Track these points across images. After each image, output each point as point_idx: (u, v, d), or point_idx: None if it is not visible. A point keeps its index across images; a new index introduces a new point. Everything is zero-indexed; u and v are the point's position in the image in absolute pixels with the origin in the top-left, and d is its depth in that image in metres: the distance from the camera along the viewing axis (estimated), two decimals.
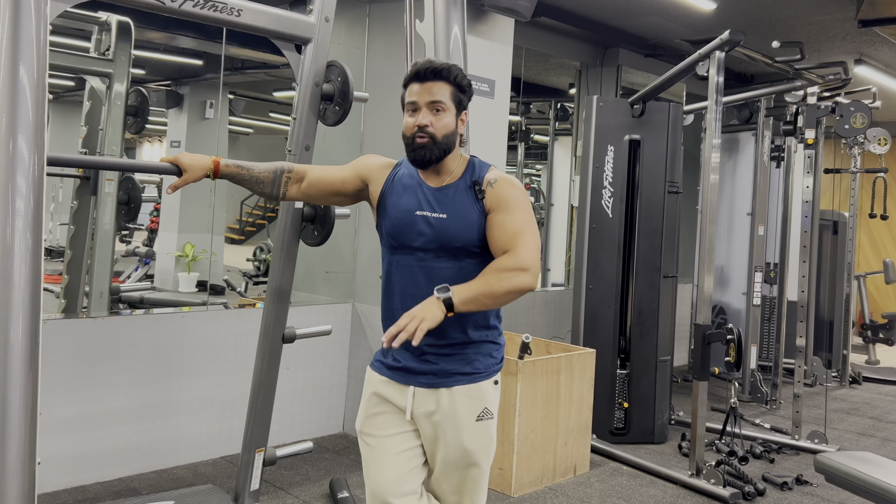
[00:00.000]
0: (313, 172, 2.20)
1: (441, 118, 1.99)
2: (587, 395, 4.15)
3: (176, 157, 2.14)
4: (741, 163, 6.10)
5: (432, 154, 1.99)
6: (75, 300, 4.61)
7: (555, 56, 6.10)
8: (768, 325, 6.38)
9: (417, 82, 2.00)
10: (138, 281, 7.47)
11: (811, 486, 4.10)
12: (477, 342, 2.04)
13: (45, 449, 3.46)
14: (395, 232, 2.04)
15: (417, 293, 1.99)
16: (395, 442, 2.04)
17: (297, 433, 4.33)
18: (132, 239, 8.34)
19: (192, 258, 7.26)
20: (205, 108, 8.32)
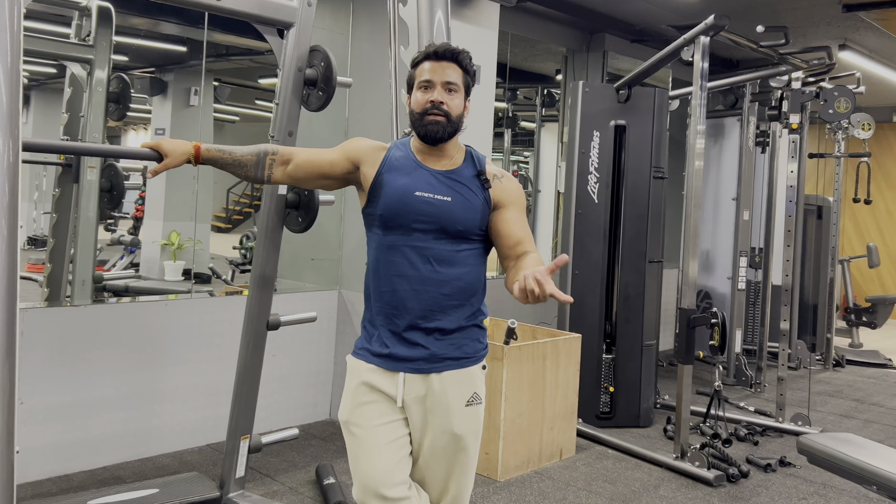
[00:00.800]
0: (300, 156, 2.17)
1: (454, 98, 2.01)
2: (573, 380, 4.17)
3: (157, 142, 2.13)
4: (727, 148, 6.12)
5: (445, 131, 2.00)
6: (58, 289, 4.57)
7: (541, 42, 6.08)
8: (753, 309, 6.41)
9: (434, 60, 2.01)
10: (124, 269, 7.43)
11: (794, 468, 4.15)
12: (466, 327, 2.05)
13: (29, 438, 3.44)
14: (391, 212, 2.01)
15: (413, 274, 1.99)
16: (386, 431, 2.01)
17: (283, 420, 4.33)
18: (117, 227, 8.29)
19: (177, 246, 7.22)
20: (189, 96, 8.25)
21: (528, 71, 7.36)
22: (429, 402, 2.01)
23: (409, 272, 1.99)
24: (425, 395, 2.01)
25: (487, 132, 4.44)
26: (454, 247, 2.01)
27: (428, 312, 1.99)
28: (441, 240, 2.00)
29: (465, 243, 2.02)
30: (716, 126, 6.15)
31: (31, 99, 8.51)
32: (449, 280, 2.00)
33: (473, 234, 2.02)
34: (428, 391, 2.01)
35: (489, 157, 4.66)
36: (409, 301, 1.99)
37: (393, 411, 2.02)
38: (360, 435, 2.03)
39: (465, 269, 2.02)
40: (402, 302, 2.00)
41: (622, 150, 4.69)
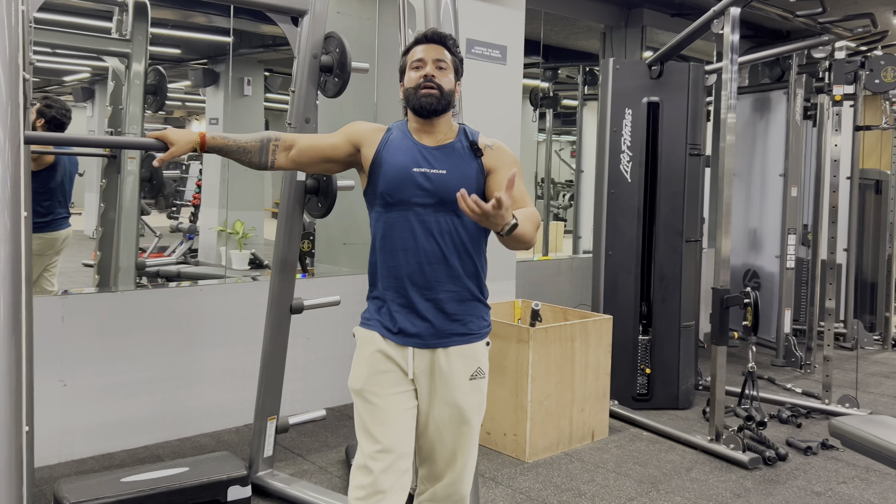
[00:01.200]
0: (303, 141, 2.24)
1: (445, 74, 2.10)
2: (604, 362, 4.13)
3: (163, 132, 2.19)
4: (773, 122, 5.93)
5: (439, 103, 2.07)
6: (108, 275, 4.76)
7: (580, 19, 5.98)
8: (804, 288, 6.23)
9: (424, 43, 2.12)
10: (182, 255, 7.69)
11: (836, 451, 4.03)
12: (472, 300, 2.11)
13: (73, 418, 3.61)
14: (391, 189, 2.07)
15: (415, 247, 2.06)
16: (401, 399, 2.08)
17: (319, 401, 4.42)
18: (179, 215, 8.56)
19: (242, 235, 7.40)
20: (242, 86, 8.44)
21: (569, 49, 7.26)
22: (435, 376, 2.08)
23: (412, 246, 2.06)
24: (431, 369, 2.08)
25: (515, 111, 4.41)
26: (454, 217, 2.06)
27: (434, 283, 2.05)
28: (441, 212, 2.05)
29: (466, 215, 2.03)
30: (762, 100, 5.97)
31: (96, 93, 8.84)
32: (452, 252, 2.06)
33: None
34: (434, 365, 2.08)
35: (518, 137, 4.63)
36: (415, 274, 2.06)
37: (405, 381, 2.09)
38: (377, 403, 2.06)
39: (466, 240, 2.08)
40: (408, 275, 2.06)
41: (656, 127, 4.60)
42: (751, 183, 6.17)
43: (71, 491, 2.88)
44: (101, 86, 8.75)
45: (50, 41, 4.43)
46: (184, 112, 12.61)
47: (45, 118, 3.91)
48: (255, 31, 7.62)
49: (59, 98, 4.23)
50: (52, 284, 4.49)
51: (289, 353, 3.30)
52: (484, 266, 2.15)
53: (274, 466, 3.40)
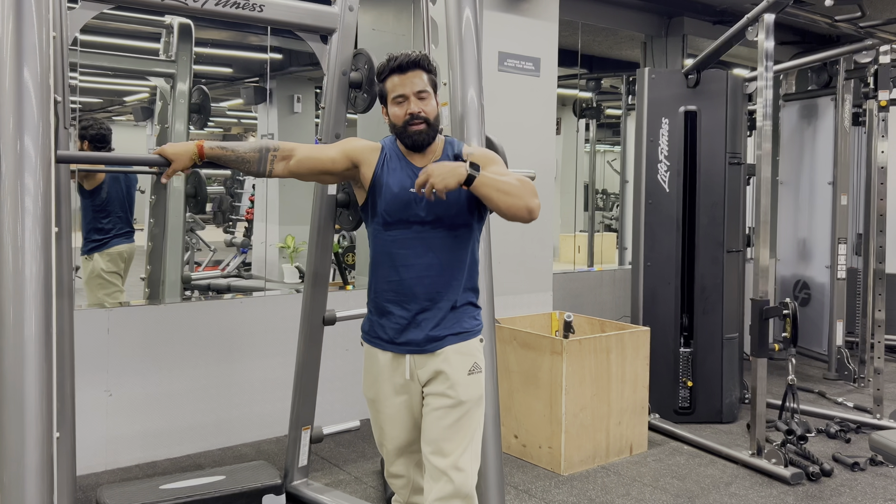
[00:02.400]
0: (301, 152, 2.30)
1: (428, 104, 2.18)
2: (642, 374, 4.08)
3: (162, 148, 2.25)
4: (821, 130, 5.79)
5: (428, 137, 2.20)
6: (157, 289, 4.91)
7: (617, 29, 5.96)
8: (858, 299, 6.05)
9: (399, 74, 2.17)
10: (235, 269, 7.88)
11: (886, 467, 3.90)
12: (462, 305, 2.24)
13: (118, 427, 3.73)
14: (391, 209, 2.20)
15: (416, 262, 2.19)
16: (404, 404, 2.25)
17: (355, 413, 4.43)
18: (235, 230, 8.78)
19: (293, 249, 7.54)
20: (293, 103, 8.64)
21: (612, 59, 7.23)
22: (435, 375, 2.21)
23: (413, 262, 2.19)
24: (432, 369, 2.21)
25: (550, 123, 4.41)
26: (452, 232, 2.20)
27: (434, 295, 2.19)
28: (438, 228, 2.18)
29: (462, 227, 2.21)
30: (808, 107, 5.84)
31: (154, 112, 9.13)
32: (450, 264, 2.20)
33: (464, 213, 2.19)
34: (433, 366, 2.20)
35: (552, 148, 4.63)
36: (416, 287, 2.19)
37: (404, 385, 2.24)
38: (379, 409, 2.30)
39: (462, 252, 2.22)
40: (409, 289, 2.19)
41: (694, 136, 4.54)
42: (799, 191, 6.03)
43: (111, 497, 2.98)
44: None
45: (101, 63, 4.62)
46: (241, 129, 12.94)
47: (88, 139, 4.07)
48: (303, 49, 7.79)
49: (95, 117, 4.40)
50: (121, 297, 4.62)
51: (327, 363, 3.37)
52: (475, 272, 2.29)
53: (309, 476, 3.45)
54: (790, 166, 6.07)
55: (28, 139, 1.88)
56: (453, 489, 2.15)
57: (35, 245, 1.92)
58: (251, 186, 8.74)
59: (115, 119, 11.22)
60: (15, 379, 1.92)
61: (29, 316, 1.94)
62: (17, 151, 1.87)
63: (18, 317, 1.92)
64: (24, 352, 1.92)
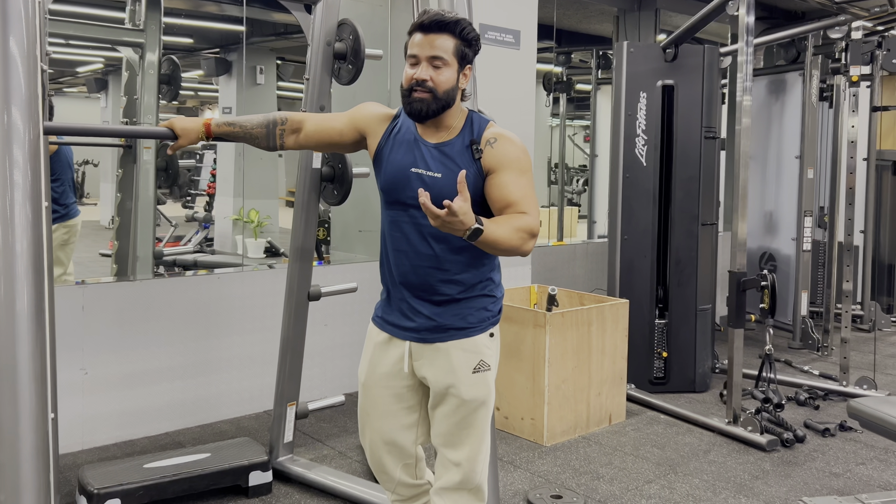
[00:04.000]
0: (310, 124, 2.21)
1: (441, 73, 1.96)
2: (621, 346, 4.14)
3: (171, 121, 2.19)
4: (789, 104, 5.88)
5: (429, 108, 1.97)
6: (125, 264, 4.81)
7: (593, 2, 5.94)
8: (821, 270, 6.20)
9: (421, 33, 1.97)
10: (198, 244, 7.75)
11: (855, 433, 4.02)
12: (470, 297, 2.07)
13: (95, 405, 3.65)
14: (389, 188, 2.05)
15: (409, 249, 2.03)
16: (395, 396, 2.13)
17: (336, 387, 4.44)
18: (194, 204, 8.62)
19: (257, 224, 7.43)
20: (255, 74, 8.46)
21: (582, 33, 7.22)
22: (437, 371, 2.06)
23: (406, 248, 2.03)
24: (433, 364, 2.07)
25: (529, 97, 4.40)
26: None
27: (428, 286, 2.03)
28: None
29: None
30: (777, 82, 5.92)
31: (109, 84, 8.88)
32: (446, 257, 2.01)
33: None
34: (435, 360, 2.06)
35: (531, 123, 4.62)
36: (409, 276, 2.05)
37: (402, 376, 2.11)
38: (371, 396, 2.16)
39: (463, 245, 1.98)
40: (403, 276, 2.06)
41: (671, 110, 4.57)
42: (766, 165, 6.13)
43: (95, 477, 2.92)
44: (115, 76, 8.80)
45: (64, 32, 4.46)
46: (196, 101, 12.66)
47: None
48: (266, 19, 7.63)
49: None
50: (70, 273, 4.55)
51: (306, 339, 3.32)
52: (487, 260, 2.08)
53: (294, 452, 3.43)
54: (758, 141, 6.16)
55: (16, 111, 1.80)
56: (460, 480, 2.11)
57: (25, 220, 1.85)
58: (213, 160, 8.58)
59: (67, 91, 10.86)
60: (8, 358, 1.85)
61: (20, 293, 1.87)
62: (5, 124, 1.79)
63: (9, 293, 1.86)
64: (17, 330, 1.86)
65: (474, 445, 2.12)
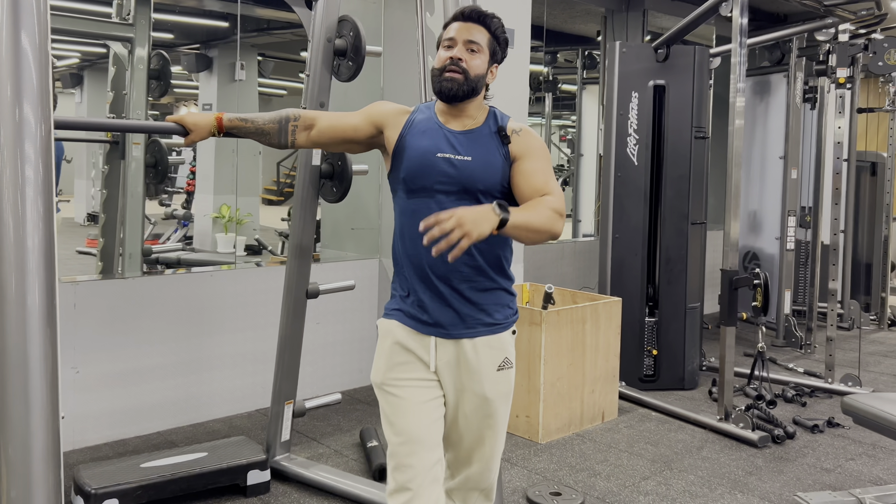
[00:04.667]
0: (323, 120, 2.19)
1: (475, 57, 2.00)
2: (614, 343, 4.16)
3: (181, 116, 2.16)
4: (773, 105, 5.96)
5: (461, 89, 1.98)
6: (111, 262, 4.73)
7: (580, 2, 5.97)
8: (804, 269, 6.29)
9: (461, 21, 2.02)
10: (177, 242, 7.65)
11: (843, 429, 4.09)
12: (494, 289, 2.05)
13: (86, 404, 3.60)
14: (414, 174, 2.02)
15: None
16: (421, 391, 2.04)
17: (329, 385, 4.43)
18: (171, 202, 8.51)
19: (228, 219, 7.38)
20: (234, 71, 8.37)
21: (568, 33, 7.25)
22: (461, 367, 2.02)
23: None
24: (458, 360, 2.02)
25: (523, 96, 4.40)
26: (479, 205, 1.96)
27: (455, 274, 1.99)
28: (464, 201, 1.96)
29: (490, 200, 1.96)
30: (761, 83, 5.99)
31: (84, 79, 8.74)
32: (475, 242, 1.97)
33: (495, 192, 1.99)
34: (460, 356, 2.02)
35: (525, 122, 4.63)
36: (436, 265, 1.99)
37: (426, 372, 2.04)
38: (397, 394, 2.04)
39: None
40: (429, 265, 2.00)
41: (662, 110, 4.61)
42: (751, 165, 6.21)
43: (92, 477, 2.88)
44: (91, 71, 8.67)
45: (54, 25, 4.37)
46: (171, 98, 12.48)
47: None
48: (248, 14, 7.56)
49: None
50: None
51: None
52: (508, 254, 2.09)
53: (290, 450, 3.41)
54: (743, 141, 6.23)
55: (27, 106, 1.76)
56: (475, 480, 2.11)
57: (37, 215, 1.82)
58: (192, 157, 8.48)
59: None
60: (19, 355, 1.82)
61: (31, 288, 1.84)
62: (17, 119, 1.75)
63: (20, 289, 1.82)
64: (28, 326, 1.83)
65: (492, 444, 2.10)
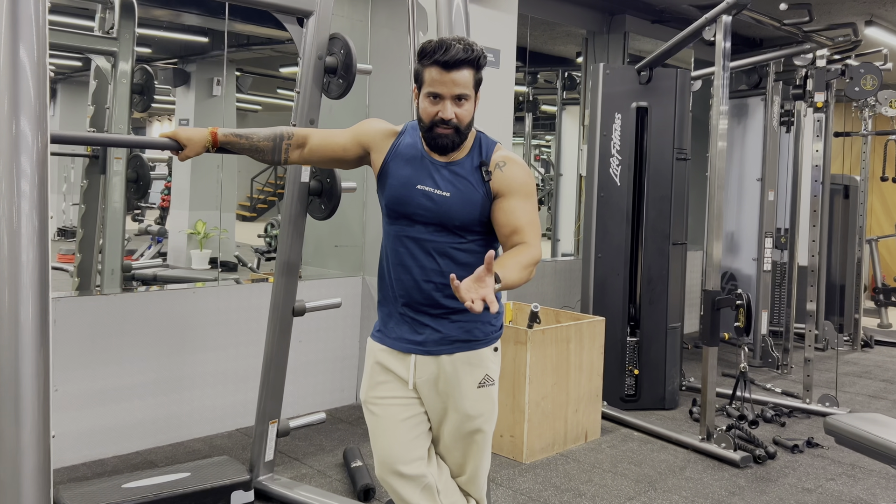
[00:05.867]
0: (314, 139, 2.21)
1: (464, 107, 1.96)
2: (597, 363, 4.18)
3: (175, 132, 2.15)
4: (750, 128, 6.06)
5: (454, 143, 1.99)
6: (88, 278, 4.66)
7: (561, 24, 6.04)
8: (779, 290, 6.37)
9: (443, 70, 1.91)
10: (151, 259, 7.55)
11: (822, 449, 4.13)
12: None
13: (63, 423, 3.52)
14: (394, 203, 2.05)
15: (414, 264, 2.03)
16: (400, 410, 2.08)
17: (310, 405, 4.38)
18: (144, 217, 8.41)
19: (203, 235, 7.31)
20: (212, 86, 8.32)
21: (548, 54, 7.32)
22: (441, 384, 2.05)
23: (410, 263, 2.03)
24: (437, 378, 2.05)
25: (508, 116, 4.44)
26: (455, 240, 2.01)
27: (432, 301, 2.03)
28: (441, 233, 2.00)
29: (469, 236, 2.02)
30: (739, 106, 6.09)
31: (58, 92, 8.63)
32: (450, 271, 1.98)
33: (474, 227, 2.01)
34: (440, 373, 2.05)
35: (509, 142, 4.66)
36: (413, 292, 2.04)
37: (406, 390, 2.08)
38: (376, 413, 2.10)
39: (468, 261, 2.01)
40: (406, 292, 2.05)
41: (644, 131, 4.67)
42: (728, 187, 6.29)
43: (72, 498, 2.82)
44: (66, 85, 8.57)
45: None
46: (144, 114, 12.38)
47: None
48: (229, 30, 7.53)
49: None
50: None
51: None
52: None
53: (274, 471, 3.36)
54: None
55: (25, 120, 1.74)
56: (465, 487, 2.14)
57: (32, 230, 1.79)
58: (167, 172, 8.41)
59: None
60: (10, 372, 1.79)
61: (25, 304, 1.82)
62: (13, 133, 1.73)
63: (14, 305, 1.80)
64: (20, 342, 1.81)
65: (476, 460, 2.13)
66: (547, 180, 9.78)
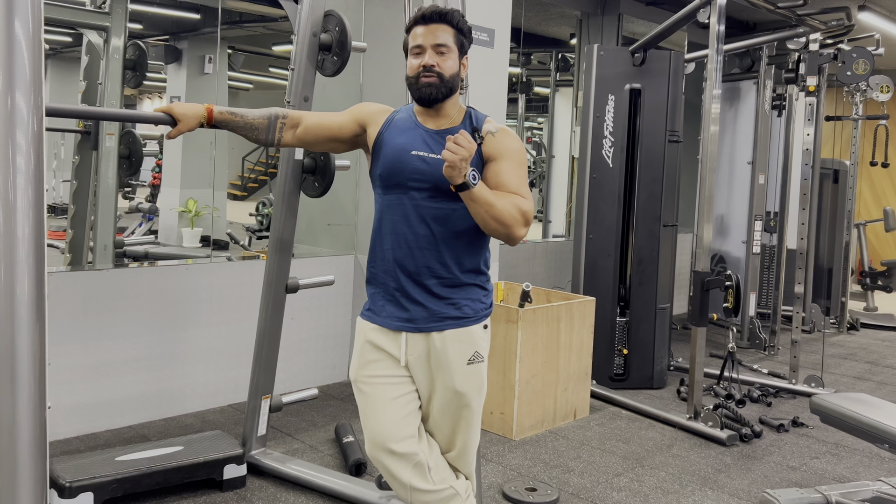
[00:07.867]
0: (309, 118, 2.23)
1: (446, 59, 2.05)
2: (587, 342, 4.22)
3: (169, 106, 2.14)
4: (742, 112, 6.09)
5: (439, 92, 2.05)
6: (80, 254, 4.66)
7: (555, 5, 6.03)
8: (768, 273, 6.43)
9: (422, 24, 2.05)
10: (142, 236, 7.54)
11: (807, 428, 4.19)
12: (466, 285, 2.09)
13: (57, 397, 3.54)
14: (390, 170, 2.08)
15: (409, 231, 2.05)
16: (390, 388, 2.11)
17: (303, 381, 4.41)
18: (135, 195, 8.38)
19: (195, 213, 7.30)
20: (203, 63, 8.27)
21: (542, 35, 7.31)
22: (432, 361, 2.08)
23: (405, 230, 2.05)
24: (428, 354, 2.08)
25: (502, 95, 4.44)
26: (450, 204, 2.03)
27: (424, 270, 2.05)
28: (436, 198, 2.03)
29: (461, 200, 2.01)
30: (731, 89, 6.11)
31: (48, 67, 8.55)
32: (445, 239, 2.04)
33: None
34: (430, 350, 2.07)
35: (503, 122, 4.67)
36: (406, 260, 2.06)
37: (397, 368, 2.11)
38: (366, 392, 2.14)
39: (461, 228, 2.05)
40: (399, 260, 2.07)
41: (637, 114, 4.69)
42: (719, 170, 6.33)
43: (66, 470, 2.84)
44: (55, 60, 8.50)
45: None
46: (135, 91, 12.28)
47: None
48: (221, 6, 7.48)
49: None
50: None
51: None
52: (483, 251, 2.14)
53: (266, 445, 3.39)
54: None
55: (19, 95, 1.73)
56: (454, 463, 2.18)
57: (27, 205, 1.78)
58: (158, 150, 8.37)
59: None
60: (6, 346, 1.80)
61: (21, 279, 1.81)
62: (8, 108, 1.72)
63: (9, 280, 1.79)
64: (16, 316, 1.80)
65: (465, 436, 2.16)
66: (539, 162, 9.80)
